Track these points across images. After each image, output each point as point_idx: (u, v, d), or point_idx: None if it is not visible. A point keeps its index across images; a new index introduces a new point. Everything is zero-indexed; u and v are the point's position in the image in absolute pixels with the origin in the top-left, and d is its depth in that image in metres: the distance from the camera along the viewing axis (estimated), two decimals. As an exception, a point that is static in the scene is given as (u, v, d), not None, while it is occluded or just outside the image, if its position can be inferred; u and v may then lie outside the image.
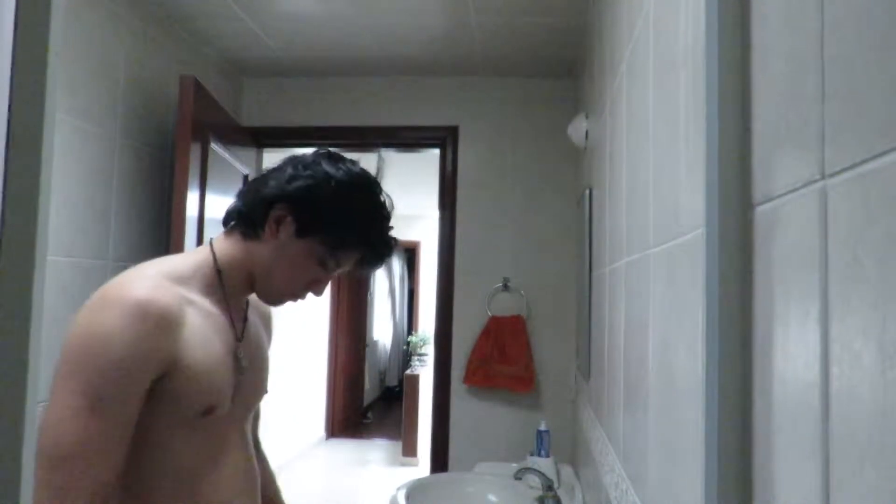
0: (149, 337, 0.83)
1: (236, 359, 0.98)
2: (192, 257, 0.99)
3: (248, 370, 1.01)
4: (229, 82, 2.74)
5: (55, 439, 0.78)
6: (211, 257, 0.99)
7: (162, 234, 2.22)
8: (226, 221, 1.05)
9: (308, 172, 0.99)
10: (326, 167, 1.00)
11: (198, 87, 2.09)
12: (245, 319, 1.06)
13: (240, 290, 1.02)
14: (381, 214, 1.03)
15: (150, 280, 0.87)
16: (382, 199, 1.04)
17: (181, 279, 0.92)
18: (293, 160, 1.02)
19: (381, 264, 1.07)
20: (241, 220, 1.01)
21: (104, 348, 0.81)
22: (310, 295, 1.05)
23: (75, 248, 1.79)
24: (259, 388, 1.07)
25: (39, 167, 0.42)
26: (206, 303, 0.95)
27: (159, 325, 0.84)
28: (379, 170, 0.99)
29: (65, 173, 1.75)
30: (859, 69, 0.37)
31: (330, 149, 1.06)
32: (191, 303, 0.91)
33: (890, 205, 0.33)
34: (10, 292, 0.40)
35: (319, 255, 0.99)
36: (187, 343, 0.88)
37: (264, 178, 1.03)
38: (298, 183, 0.98)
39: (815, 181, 0.42)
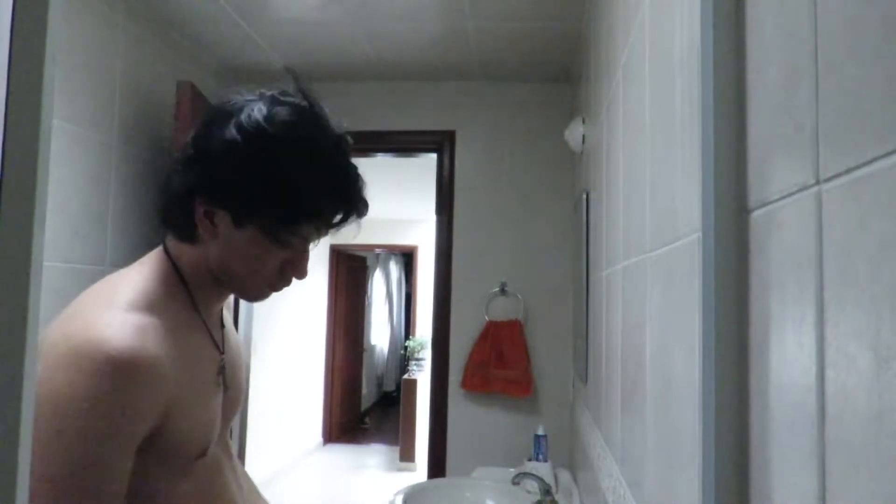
0: (135, 395, 0.68)
1: (222, 374, 0.88)
2: (154, 273, 0.81)
3: (231, 383, 0.91)
4: (226, 87, 2.75)
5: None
6: (171, 268, 0.83)
7: (159, 240, 2.21)
8: (162, 223, 0.87)
9: (206, 149, 0.79)
10: (226, 131, 0.77)
11: (195, 92, 2.09)
12: (223, 326, 0.94)
13: (212, 297, 0.87)
14: (326, 157, 0.79)
15: (126, 320, 0.71)
16: (325, 131, 0.80)
17: (153, 305, 0.76)
18: (197, 133, 0.81)
19: (359, 215, 0.84)
20: (169, 225, 0.85)
21: (82, 417, 0.64)
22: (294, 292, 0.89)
23: (72, 254, 1.78)
24: (239, 397, 0.96)
25: (36, 173, 0.42)
26: (182, 324, 0.80)
27: (147, 381, 0.69)
28: (303, 89, 0.78)
29: (61, 179, 1.74)
30: (853, 75, 0.37)
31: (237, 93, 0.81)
32: (171, 332, 0.76)
33: (884, 209, 0.34)
34: (5, 298, 0.40)
35: (272, 236, 0.79)
36: (178, 390, 0.74)
37: (173, 166, 0.83)
38: (202, 167, 0.78)
39: (810, 186, 0.42)
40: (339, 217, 0.83)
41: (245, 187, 0.77)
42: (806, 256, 0.43)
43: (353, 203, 0.82)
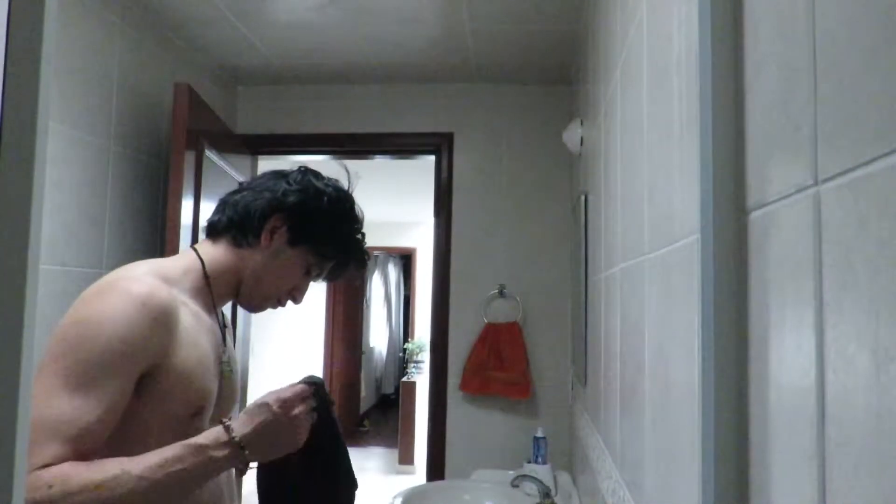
0: (142, 327, 0.86)
1: (220, 363, 1.02)
2: (179, 261, 1.02)
3: (229, 376, 1.04)
4: (224, 90, 2.74)
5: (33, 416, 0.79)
6: (199, 263, 1.02)
7: (156, 242, 2.21)
8: (212, 230, 1.08)
9: (299, 187, 1.07)
10: (315, 183, 1.09)
11: (192, 94, 2.09)
12: (224, 326, 1.10)
13: (224, 296, 1.07)
14: (358, 228, 1.15)
15: (147, 277, 0.91)
16: (359, 213, 1.16)
17: (171, 280, 0.95)
18: (277, 175, 1.11)
19: (356, 272, 1.19)
20: (234, 229, 1.06)
21: (96, 332, 0.84)
22: (289, 303, 1.11)
23: (69, 257, 1.78)
24: (236, 396, 1.10)
25: (32, 176, 0.42)
26: (195, 306, 0.98)
27: (155, 318, 0.87)
28: (350, 182, 1.18)
29: (58, 182, 1.74)
30: (851, 75, 0.37)
31: (308, 167, 1.15)
32: (183, 303, 0.94)
33: (882, 210, 0.34)
34: (2, 302, 0.40)
35: (307, 263, 1.09)
36: (180, 342, 0.90)
37: (252, 190, 1.09)
38: (293, 197, 1.06)
39: (808, 187, 0.42)
40: (351, 268, 1.16)
41: (315, 221, 1.07)
42: (805, 258, 0.43)
43: (364, 262, 1.18)
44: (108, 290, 0.87)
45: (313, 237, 1.07)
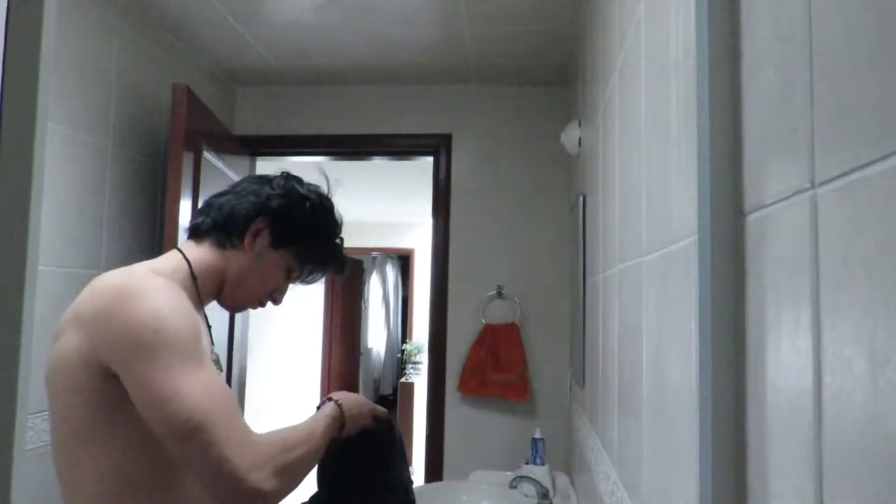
0: (194, 315, 0.92)
1: (212, 360, 1.04)
2: (167, 262, 1.04)
3: (218, 373, 1.07)
4: (222, 91, 2.74)
5: (198, 404, 0.83)
6: (185, 263, 1.05)
7: (154, 243, 2.21)
8: (195, 231, 1.11)
9: (283, 192, 1.11)
10: (298, 188, 1.14)
11: (190, 95, 2.08)
12: (208, 326, 1.13)
13: (209, 296, 1.10)
14: (338, 232, 1.20)
15: (152, 275, 0.95)
16: (338, 218, 1.20)
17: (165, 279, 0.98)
18: (260, 179, 1.15)
19: (331, 274, 1.24)
20: (218, 231, 1.09)
21: (175, 322, 0.88)
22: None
23: (67, 258, 1.78)
24: None
25: (31, 176, 0.42)
26: (193, 304, 1.00)
27: (189, 306, 0.93)
28: (330, 188, 1.24)
29: (56, 182, 1.74)
30: (848, 78, 0.37)
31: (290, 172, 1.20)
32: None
33: (879, 213, 0.34)
34: (1, 302, 0.40)
35: (288, 265, 1.13)
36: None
37: (236, 194, 1.12)
38: (277, 201, 1.10)
39: (806, 190, 0.42)
40: (329, 271, 1.20)
41: (298, 225, 1.11)
42: (802, 260, 0.43)
43: (342, 267, 1.22)
44: (144, 290, 0.89)
45: (295, 240, 1.12)
